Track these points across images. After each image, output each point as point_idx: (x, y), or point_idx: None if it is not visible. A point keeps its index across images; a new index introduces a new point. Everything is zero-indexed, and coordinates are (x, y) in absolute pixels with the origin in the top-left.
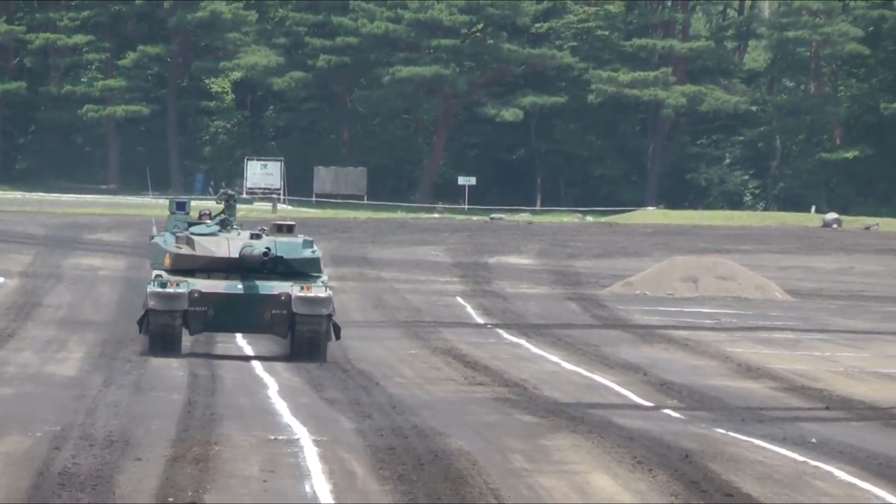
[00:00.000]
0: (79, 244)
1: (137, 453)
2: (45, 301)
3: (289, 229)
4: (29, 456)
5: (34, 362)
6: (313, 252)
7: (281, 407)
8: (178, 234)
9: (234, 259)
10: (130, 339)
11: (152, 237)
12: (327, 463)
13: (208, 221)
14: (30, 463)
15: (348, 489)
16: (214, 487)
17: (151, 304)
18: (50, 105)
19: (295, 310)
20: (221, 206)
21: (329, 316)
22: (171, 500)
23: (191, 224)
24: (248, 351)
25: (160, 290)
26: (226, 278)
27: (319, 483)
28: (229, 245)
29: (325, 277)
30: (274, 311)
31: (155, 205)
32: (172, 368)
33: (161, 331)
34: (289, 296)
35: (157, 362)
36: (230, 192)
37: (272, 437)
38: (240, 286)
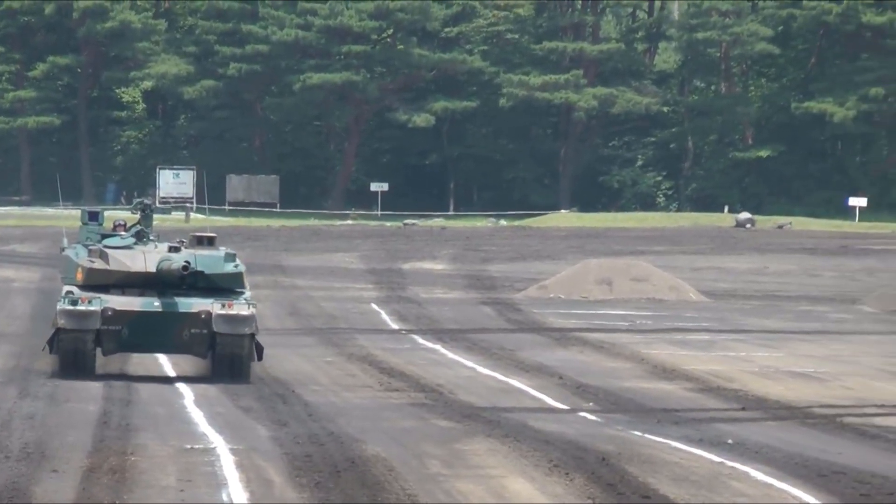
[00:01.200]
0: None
1: (53, 465)
2: None
3: (209, 241)
4: None
5: None
6: (236, 266)
7: (197, 416)
8: (90, 247)
9: (151, 274)
10: (45, 351)
11: (63, 249)
12: (244, 471)
13: (123, 233)
14: None
15: (266, 497)
16: (131, 498)
17: (61, 322)
18: None
19: (216, 329)
20: (137, 217)
21: (252, 335)
22: None
23: (104, 236)
24: (166, 365)
25: (71, 307)
26: (142, 294)
27: (237, 491)
28: (146, 259)
29: (248, 294)
30: (193, 331)
31: (67, 216)
32: (88, 380)
33: (72, 351)
34: (209, 314)
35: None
36: (146, 201)
37: (188, 447)
38: (157, 303)
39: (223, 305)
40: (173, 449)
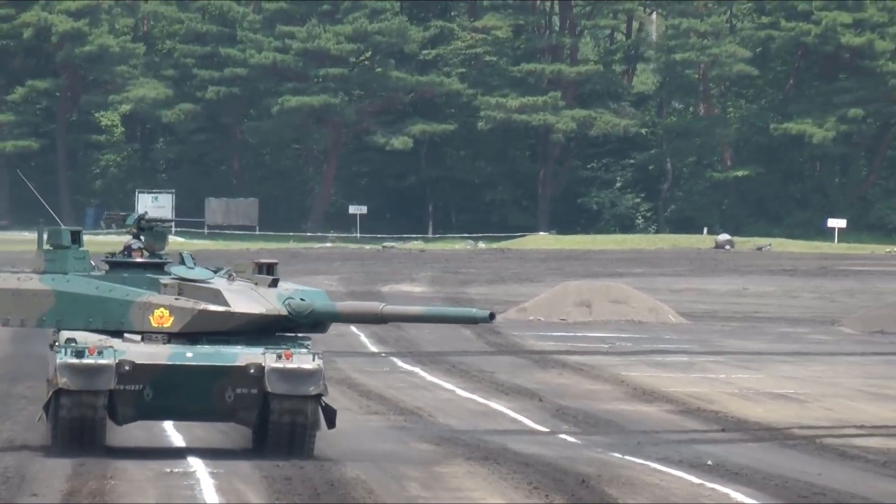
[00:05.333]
0: None
1: (33, 489)
2: None
3: (270, 269)
4: None
5: None
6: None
7: (177, 439)
8: (166, 282)
9: (282, 317)
10: (26, 374)
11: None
12: (224, 495)
13: (140, 258)
14: None
15: None
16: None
17: (62, 381)
18: None
19: (270, 388)
20: (140, 240)
21: (318, 396)
22: None
23: (115, 264)
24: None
25: (75, 361)
26: (167, 342)
27: None
28: (265, 297)
29: (310, 340)
30: (240, 391)
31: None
32: None
33: (77, 420)
34: (261, 368)
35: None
36: (146, 216)
37: (168, 470)
38: (189, 354)
39: (279, 356)
40: (153, 472)
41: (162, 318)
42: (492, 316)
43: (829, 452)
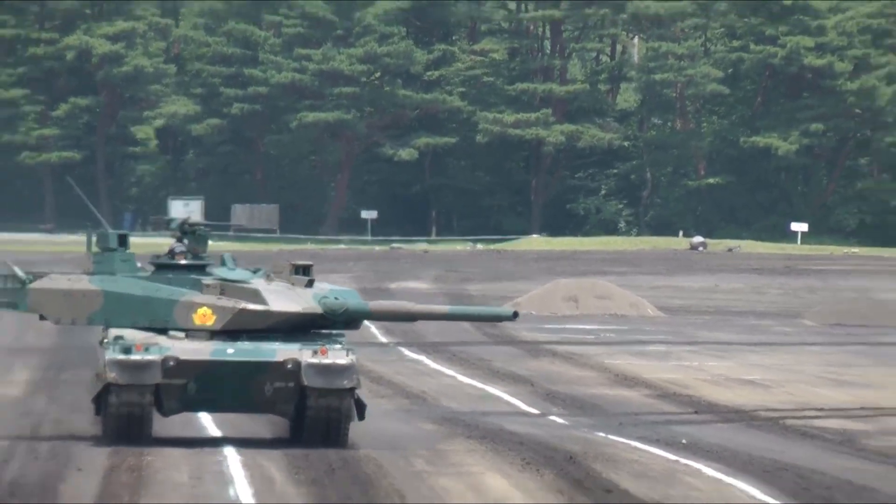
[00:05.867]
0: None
1: (78, 464)
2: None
3: (306, 270)
4: None
5: None
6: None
7: (207, 421)
8: (206, 283)
9: (317, 315)
10: (71, 363)
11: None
12: (249, 469)
13: (183, 261)
14: None
15: (268, 492)
16: (147, 494)
17: (111, 376)
18: None
19: (306, 382)
20: (184, 243)
21: (352, 390)
22: None
23: (161, 266)
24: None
25: (123, 357)
26: (210, 339)
27: (242, 488)
28: (301, 297)
29: (344, 336)
30: (278, 384)
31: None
32: None
33: (125, 413)
34: (297, 363)
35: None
36: (189, 220)
37: (199, 448)
38: (230, 350)
39: (315, 353)
40: (186, 450)
41: (205, 317)
42: (515, 314)
43: (792, 432)
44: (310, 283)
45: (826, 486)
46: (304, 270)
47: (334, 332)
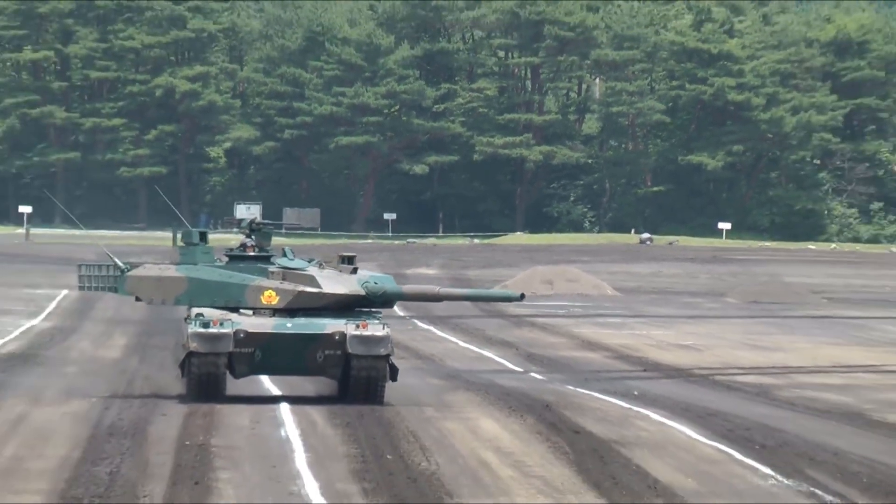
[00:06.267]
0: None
1: (163, 410)
2: (96, 306)
3: (350, 260)
4: (88, 414)
5: (90, 349)
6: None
7: (264, 378)
8: (271, 270)
9: (360, 296)
10: (158, 330)
11: (179, 265)
12: (297, 416)
13: (251, 253)
14: (88, 419)
15: (311, 433)
16: (217, 434)
17: (193, 346)
18: (97, 168)
19: (350, 350)
20: (252, 239)
21: (387, 356)
22: (187, 442)
23: (234, 257)
24: None
25: (203, 330)
26: (272, 315)
27: (291, 429)
28: (346, 282)
29: (381, 314)
30: (327, 352)
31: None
32: None
33: (204, 375)
34: (343, 335)
35: (177, 347)
36: (256, 220)
37: (257, 397)
38: (289, 325)
39: (357, 326)
40: (247, 400)
41: (270, 298)
42: (522, 296)
43: (719, 386)
44: (354, 271)
45: (746, 428)
46: (349, 260)
47: (373, 310)
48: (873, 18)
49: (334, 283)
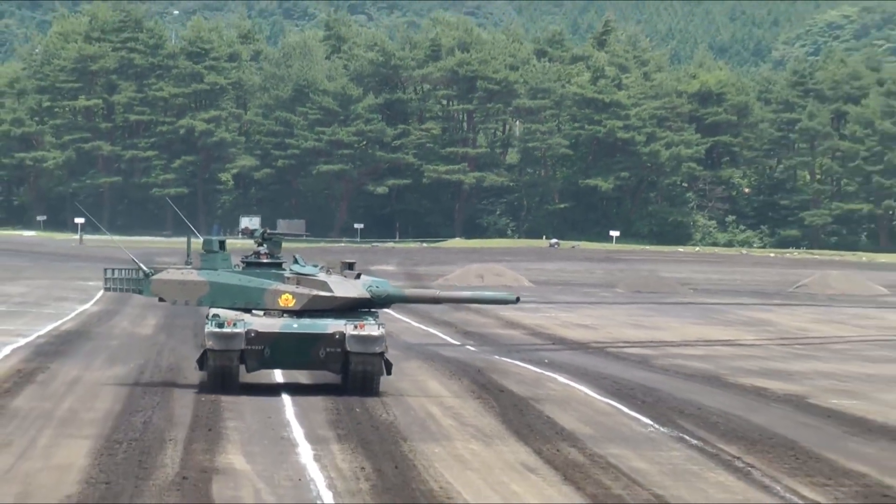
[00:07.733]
0: (153, 264)
1: (186, 375)
2: (133, 296)
3: (350, 266)
4: (127, 377)
5: (128, 327)
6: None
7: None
8: (287, 276)
9: (365, 299)
10: (181, 315)
11: (197, 269)
12: (287, 379)
13: (265, 259)
14: (127, 380)
15: (298, 393)
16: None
17: (209, 343)
18: (135, 189)
19: (349, 348)
20: (265, 247)
21: (381, 354)
22: (203, 398)
23: (250, 264)
24: None
25: (218, 330)
26: (280, 316)
27: (283, 390)
28: (353, 286)
29: (377, 315)
30: (329, 349)
31: (195, 242)
32: None
33: (219, 369)
34: (343, 334)
35: (200, 326)
36: (267, 230)
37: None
38: (295, 325)
39: (355, 326)
40: (254, 388)
41: (287, 301)
42: (517, 299)
43: (611, 356)
44: (358, 276)
45: (630, 388)
46: (350, 266)
47: (372, 310)
48: (728, 75)
49: (344, 287)
